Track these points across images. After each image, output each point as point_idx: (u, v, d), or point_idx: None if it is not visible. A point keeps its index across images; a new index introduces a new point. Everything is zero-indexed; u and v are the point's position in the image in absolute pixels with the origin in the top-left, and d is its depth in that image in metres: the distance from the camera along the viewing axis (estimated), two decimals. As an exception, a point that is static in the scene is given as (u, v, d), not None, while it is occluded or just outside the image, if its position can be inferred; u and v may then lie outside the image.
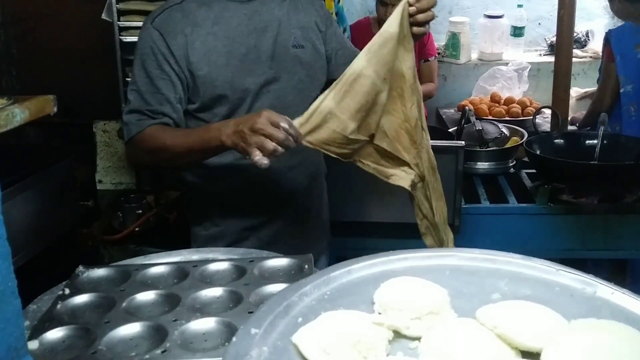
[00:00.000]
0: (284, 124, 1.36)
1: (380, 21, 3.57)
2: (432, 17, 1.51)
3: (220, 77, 1.63)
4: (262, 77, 1.68)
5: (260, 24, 1.70)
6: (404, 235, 2.22)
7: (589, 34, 4.31)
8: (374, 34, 3.86)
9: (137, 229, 2.72)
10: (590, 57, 4.18)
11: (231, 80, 1.64)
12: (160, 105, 1.62)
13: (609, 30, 3.03)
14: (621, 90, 2.89)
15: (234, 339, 0.77)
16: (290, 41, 1.74)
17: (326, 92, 1.47)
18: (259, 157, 1.36)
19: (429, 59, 3.62)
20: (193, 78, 1.64)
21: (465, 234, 2.35)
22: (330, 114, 1.45)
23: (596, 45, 4.09)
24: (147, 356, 0.99)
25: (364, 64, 1.46)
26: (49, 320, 1.11)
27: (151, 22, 1.65)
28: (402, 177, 1.61)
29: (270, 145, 1.35)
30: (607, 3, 4.27)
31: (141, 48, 1.65)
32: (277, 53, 1.71)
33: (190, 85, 1.65)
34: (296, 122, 1.43)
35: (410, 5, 1.47)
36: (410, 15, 1.48)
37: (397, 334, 0.82)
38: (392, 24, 1.48)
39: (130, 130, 1.62)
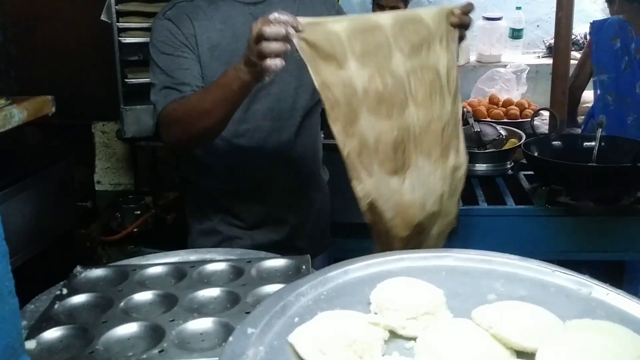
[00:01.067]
0: (274, 16, 1.27)
1: None
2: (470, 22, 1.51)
3: (221, 73, 1.63)
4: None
5: None
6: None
7: (587, 36, 4.31)
8: None
9: (135, 229, 2.72)
10: (589, 59, 4.19)
11: None
12: (184, 77, 1.62)
13: (594, 20, 3.09)
14: (594, 78, 2.96)
15: (230, 338, 0.77)
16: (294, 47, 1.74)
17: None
18: (269, 62, 1.28)
19: None
20: (203, 66, 1.67)
21: (463, 236, 2.35)
22: (336, 35, 1.32)
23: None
24: (144, 356, 1.00)
25: (387, 22, 1.38)
26: (47, 320, 1.11)
27: (162, 15, 1.69)
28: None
29: (274, 45, 1.26)
30: (605, 6, 4.30)
31: (156, 38, 1.68)
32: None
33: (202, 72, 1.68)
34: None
35: (454, 14, 1.46)
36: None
37: (393, 334, 0.82)
38: (429, 15, 1.43)
39: (157, 108, 1.62)
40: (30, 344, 1.03)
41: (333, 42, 1.31)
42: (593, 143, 2.43)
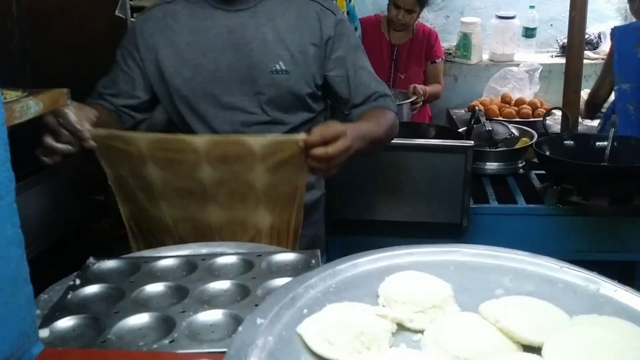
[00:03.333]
0: (67, 120, 1.30)
1: (390, 22, 3.56)
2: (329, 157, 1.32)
3: (184, 88, 1.61)
4: (224, 98, 1.61)
5: (241, 40, 1.58)
6: (409, 233, 2.24)
7: (601, 35, 4.29)
8: (382, 33, 3.80)
9: (147, 224, 2.74)
10: (602, 58, 4.16)
11: (192, 95, 1.61)
12: (105, 88, 1.66)
13: (615, 27, 3.06)
14: (615, 87, 2.92)
15: (240, 328, 0.78)
16: (270, 65, 1.59)
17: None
18: (43, 156, 1.35)
19: (436, 60, 3.64)
20: (164, 81, 1.62)
21: (473, 234, 2.36)
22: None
23: (608, 47, 4.08)
24: (155, 346, 1.01)
25: (200, 143, 1.37)
26: (60, 310, 1.13)
27: (140, 16, 1.69)
28: None
29: (57, 146, 1.33)
30: (620, 5, 4.27)
31: (122, 40, 1.69)
32: (253, 76, 1.59)
33: (158, 87, 1.64)
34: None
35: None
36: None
37: (401, 327, 0.83)
38: (257, 142, 1.36)
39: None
40: (44, 333, 1.04)
41: (130, 149, 1.37)
42: (605, 143, 2.43)
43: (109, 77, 1.67)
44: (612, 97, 3.09)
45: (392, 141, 1.71)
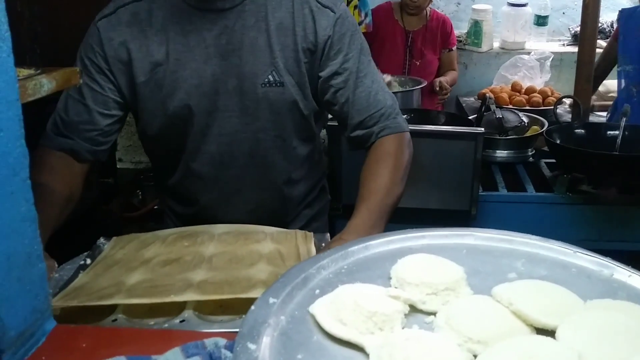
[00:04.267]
0: None
1: (404, 5, 3.54)
2: None
3: (161, 107, 1.40)
4: (208, 117, 1.40)
5: (228, 46, 1.36)
6: (418, 220, 2.23)
7: (614, 24, 4.25)
8: (395, 20, 3.80)
9: (156, 207, 2.75)
10: (615, 48, 4.14)
11: (170, 115, 1.40)
12: (77, 116, 1.40)
13: (622, 9, 3.06)
14: (619, 69, 2.94)
15: (252, 307, 0.78)
16: (260, 77, 1.36)
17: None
18: None
19: (452, 48, 3.70)
20: (136, 95, 1.41)
21: (482, 222, 2.35)
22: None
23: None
24: (165, 325, 1.01)
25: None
26: (71, 288, 1.13)
27: (98, 20, 1.40)
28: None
29: None
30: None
31: (83, 46, 1.43)
32: (242, 89, 1.37)
33: (130, 101, 1.43)
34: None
35: None
36: None
37: (413, 309, 0.82)
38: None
39: (43, 139, 1.44)
40: (55, 311, 1.05)
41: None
42: (617, 132, 2.41)
43: (74, 101, 1.40)
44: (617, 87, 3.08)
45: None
